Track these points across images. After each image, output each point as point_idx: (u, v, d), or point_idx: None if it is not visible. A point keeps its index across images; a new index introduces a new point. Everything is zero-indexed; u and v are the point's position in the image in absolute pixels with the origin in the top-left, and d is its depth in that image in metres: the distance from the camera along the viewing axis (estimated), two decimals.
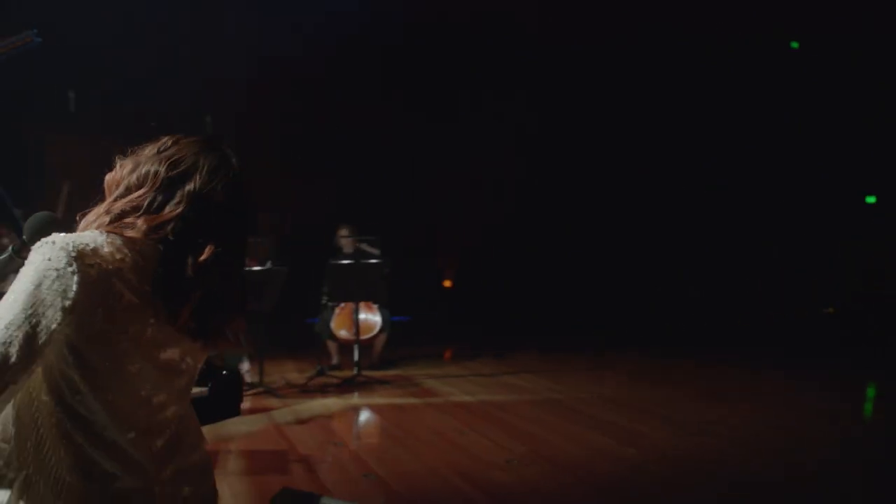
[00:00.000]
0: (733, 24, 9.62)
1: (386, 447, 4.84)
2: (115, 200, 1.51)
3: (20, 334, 1.32)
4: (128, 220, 1.47)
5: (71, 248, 1.37)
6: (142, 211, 1.48)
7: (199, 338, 1.56)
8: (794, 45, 10.07)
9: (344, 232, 7.42)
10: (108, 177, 1.57)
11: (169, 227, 1.47)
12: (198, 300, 1.50)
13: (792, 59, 10.06)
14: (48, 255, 1.35)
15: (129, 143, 1.60)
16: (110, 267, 1.39)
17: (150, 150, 1.56)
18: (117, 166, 1.57)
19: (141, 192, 1.50)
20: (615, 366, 7.90)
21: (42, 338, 1.33)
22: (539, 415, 5.56)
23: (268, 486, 3.93)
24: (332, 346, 7.29)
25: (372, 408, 5.92)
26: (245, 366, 6.47)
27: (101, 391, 1.42)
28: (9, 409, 1.45)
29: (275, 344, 8.26)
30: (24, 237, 1.78)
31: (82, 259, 1.36)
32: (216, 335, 1.60)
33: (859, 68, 9.95)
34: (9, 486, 1.44)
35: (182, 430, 1.62)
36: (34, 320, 1.33)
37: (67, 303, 1.34)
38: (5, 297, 1.34)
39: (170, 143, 1.56)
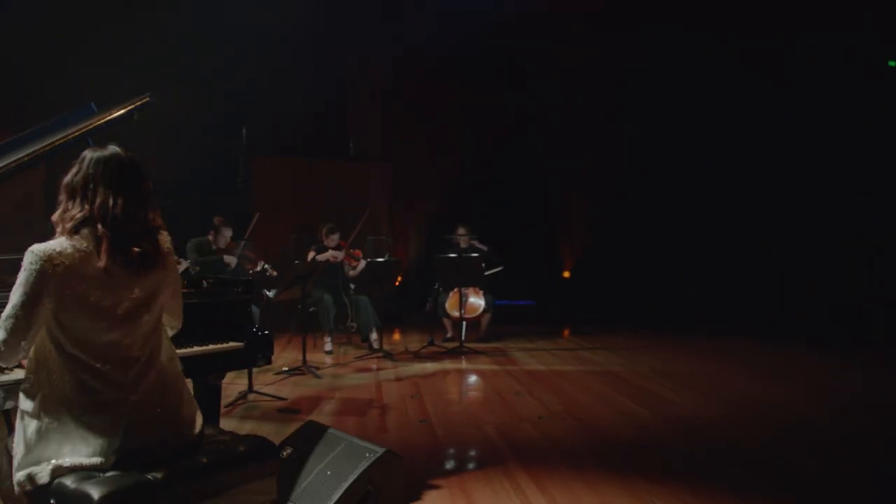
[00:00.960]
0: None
1: (449, 401, 5.26)
2: (68, 209, 2.02)
3: (21, 309, 1.91)
4: (72, 224, 1.98)
5: (42, 255, 1.91)
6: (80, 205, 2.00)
7: (145, 266, 2.02)
8: (892, 63, 9.08)
9: (461, 231, 7.90)
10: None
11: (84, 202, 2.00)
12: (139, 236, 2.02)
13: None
14: (30, 260, 1.91)
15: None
16: (68, 262, 1.92)
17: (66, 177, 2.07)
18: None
19: (71, 194, 2.02)
20: (687, 345, 7.78)
21: (33, 311, 1.91)
22: (591, 383, 5.73)
23: (342, 424, 4.53)
24: (447, 322, 7.83)
25: (457, 371, 6.35)
26: (374, 335, 7.16)
27: (80, 341, 1.97)
28: (31, 355, 2.03)
29: (410, 320, 8.98)
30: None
31: (50, 261, 1.90)
32: (152, 261, 2.05)
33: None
34: (33, 398, 2.00)
35: (150, 362, 2.10)
36: (28, 302, 1.91)
37: (45, 289, 1.90)
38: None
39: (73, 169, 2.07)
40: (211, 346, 2.98)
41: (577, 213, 11.11)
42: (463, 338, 7.37)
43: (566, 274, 11.33)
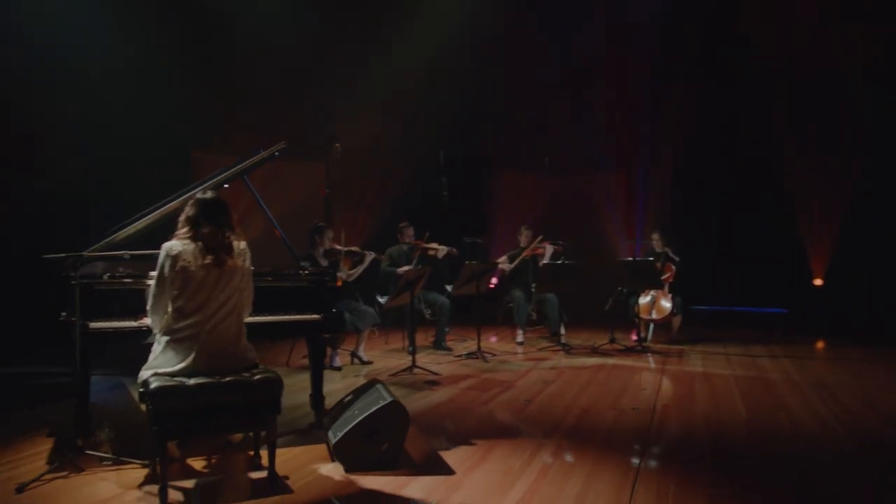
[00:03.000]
0: None
1: (568, 389, 5.73)
2: (181, 228, 3.50)
3: (156, 281, 3.43)
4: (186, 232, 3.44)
5: (168, 248, 3.38)
6: (187, 229, 3.44)
7: (221, 266, 3.40)
8: None
9: (655, 236, 8.22)
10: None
11: (190, 230, 3.44)
12: (217, 248, 3.42)
13: None
14: (162, 252, 3.38)
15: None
16: (180, 252, 3.35)
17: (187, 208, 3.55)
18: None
19: (183, 225, 3.47)
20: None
21: (164, 281, 3.38)
22: (729, 388, 5.70)
23: (462, 396, 5.53)
24: (641, 322, 8.15)
25: (612, 366, 6.71)
26: (562, 329, 7.93)
27: (186, 300, 3.37)
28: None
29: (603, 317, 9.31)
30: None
31: (170, 252, 3.36)
32: (227, 262, 3.41)
33: None
34: (157, 334, 3.51)
35: (230, 316, 3.44)
36: (161, 277, 3.39)
37: (168, 268, 3.35)
38: None
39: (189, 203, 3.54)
40: (297, 316, 4.33)
41: (825, 215, 10.15)
42: (648, 338, 7.70)
43: (818, 281, 10.40)
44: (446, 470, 3.75)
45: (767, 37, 9.87)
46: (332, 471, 3.72)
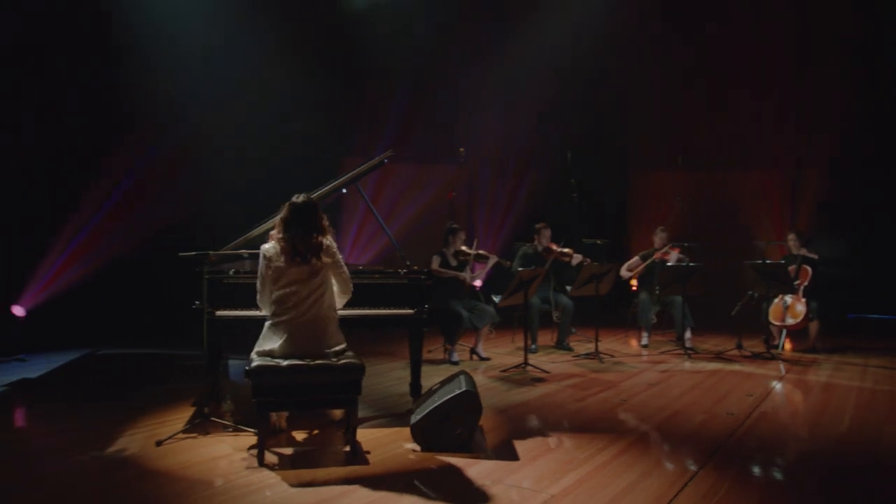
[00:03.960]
0: None
1: (670, 392, 5.70)
2: (275, 230, 4.13)
3: (259, 279, 4.09)
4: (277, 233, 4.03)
5: (264, 249, 4.01)
6: (278, 229, 4.02)
7: (307, 264, 3.97)
8: None
9: (791, 237, 7.81)
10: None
11: (281, 231, 4.04)
12: (303, 250, 3.99)
13: None
14: (260, 254, 4.01)
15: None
16: (272, 253, 3.96)
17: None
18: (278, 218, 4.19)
19: (278, 226, 4.04)
20: None
21: (262, 278, 4.04)
22: (848, 399, 5.38)
23: (559, 392, 5.75)
24: (773, 328, 7.77)
25: (726, 372, 6.51)
26: (688, 333, 7.77)
27: (280, 293, 3.96)
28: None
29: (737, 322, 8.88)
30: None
31: (265, 253, 3.97)
32: (311, 261, 3.95)
33: None
34: (266, 320, 4.19)
35: (316, 305, 4.00)
36: (260, 275, 4.03)
37: (264, 268, 3.98)
38: None
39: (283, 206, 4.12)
40: (393, 310, 4.83)
41: None
42: (780, 345, 7.37)
43: None
44: (512, 456, 4.05)
45: None
46: (410, 449, 4.17)
